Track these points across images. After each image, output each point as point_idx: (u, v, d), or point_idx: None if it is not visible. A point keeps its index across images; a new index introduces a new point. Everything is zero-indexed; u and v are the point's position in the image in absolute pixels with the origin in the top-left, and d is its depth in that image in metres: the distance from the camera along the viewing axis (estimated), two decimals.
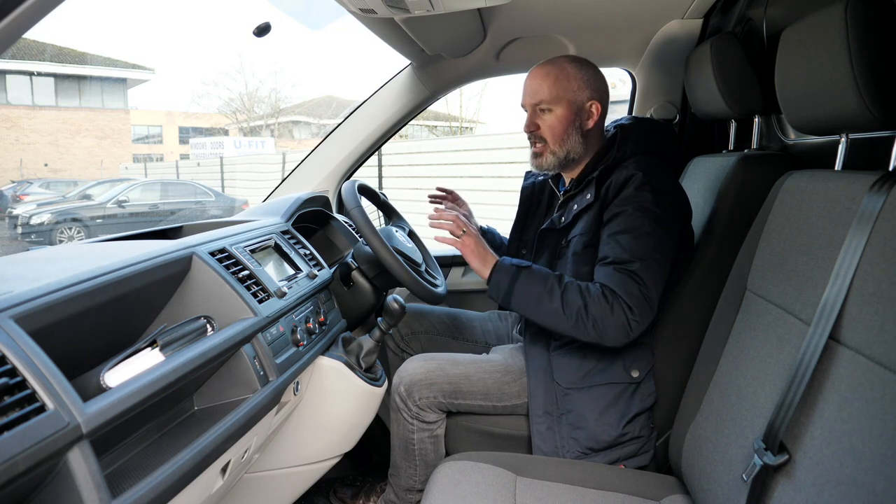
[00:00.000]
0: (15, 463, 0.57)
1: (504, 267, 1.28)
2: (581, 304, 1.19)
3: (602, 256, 1.24)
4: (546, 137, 1.36)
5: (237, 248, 1.15)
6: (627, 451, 1.27)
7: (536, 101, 1.35)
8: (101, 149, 17.43)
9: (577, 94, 1.34)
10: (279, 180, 1.98)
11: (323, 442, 1.34)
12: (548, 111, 1.35)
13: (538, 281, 1.23)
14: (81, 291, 0.76)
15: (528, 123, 1.38)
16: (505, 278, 1.26)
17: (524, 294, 1.24)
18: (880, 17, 0.81)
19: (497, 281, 1.27)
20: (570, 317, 1.19)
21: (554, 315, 1.21)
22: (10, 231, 9.74)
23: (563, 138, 1.35)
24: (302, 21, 1.63)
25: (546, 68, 1.36)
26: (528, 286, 1.24)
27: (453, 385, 1.33)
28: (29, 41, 15.51)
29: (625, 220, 1.22)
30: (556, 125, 1.34)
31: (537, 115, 1.36)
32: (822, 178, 0.92)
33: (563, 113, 1.34)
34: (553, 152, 1.36)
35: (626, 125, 1.37)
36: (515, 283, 1.25)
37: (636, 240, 1.20)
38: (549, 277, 1.24)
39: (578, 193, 1.35)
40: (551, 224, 1.39)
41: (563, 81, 1.34)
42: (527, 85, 1.38)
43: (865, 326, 0.73)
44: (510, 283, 1.25)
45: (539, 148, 1.38)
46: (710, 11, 1.65)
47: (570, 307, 1.19)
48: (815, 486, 0.74)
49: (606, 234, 1.25)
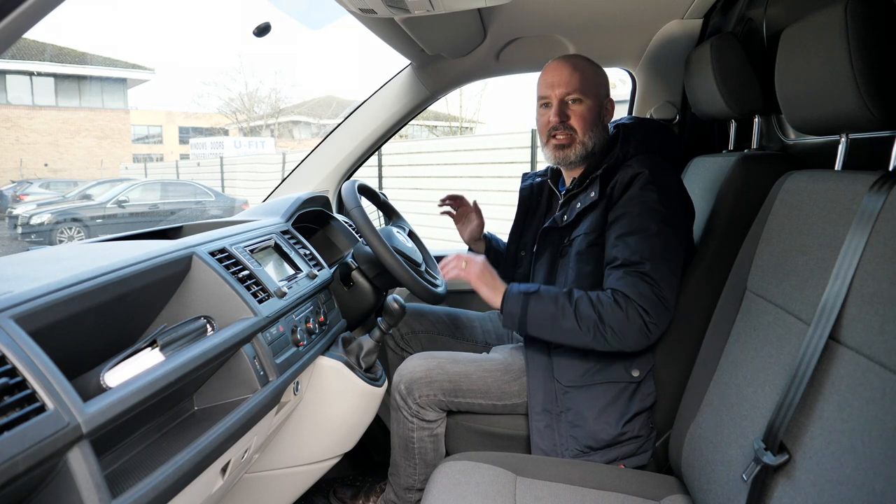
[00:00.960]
0: (15, 463, 0.57)
1: (513, 295, 1.28)
2: (595, 316, 1.19)
3: (611, 259, 1.24)
4: (577, 127, 1.35)
5: (237, 248, 1.15)
6: (626, 450, 1.27)
7: (569, 91, 1.35)
8: (101, 149, 17.44)
9: (601, 89, 1.38)
10: (279, 180, 1.98)
11: (323, 442, 1.34)
12: (578, 102, 1.35)
13: (549, 303, 1.24)
14: (81, 291, 0.76)
15: (557, 113, 1.35)
16: (516, 306, 1.26)
17: (538, 318, 1.24)
18: (880, 17, 0.81)
19: (509, 311, 1.27)
20: (587, 331, 1.20)
21: (571, 333, 1.22)
22: (10, 231, 9.75)
23: (593, 129, 1.36)
24: (302, 21, 1.63)
25: (574, 61, 1.37)
26: (540, 310, 1.24)
27: (453, 383, 1.33)
28: (29, 41, 15.52)
29: (631, 220, 1.23)
30: (587, 115, 1.35)
31: (567, 105, 1.36)
32: (822, 178, 0.92)
33: (592, 104, 1.36)
34: (582, 143, 1.36)
35: (629, 125, 1.38)
36: (527, 309, 1.25)
37: (645, 240, 1.20)
38: (558, 297, 1.24)
39: (582, 192, 1.35)
40: (553, 223, 1.39)
41: (591, 75, 1.37)
42: (553, 77, 1.36)
43: (865, 326, 0.73)
44: (522, 311, 1.25)
45: (565, 139, 1.36)
46: (710, 11, 1.65)
47: (585, 322, 1.20)
48: (815, 486, 0.74)
49: (614, 235, 1.25)
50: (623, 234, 1.23)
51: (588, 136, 1.36)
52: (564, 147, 1.37)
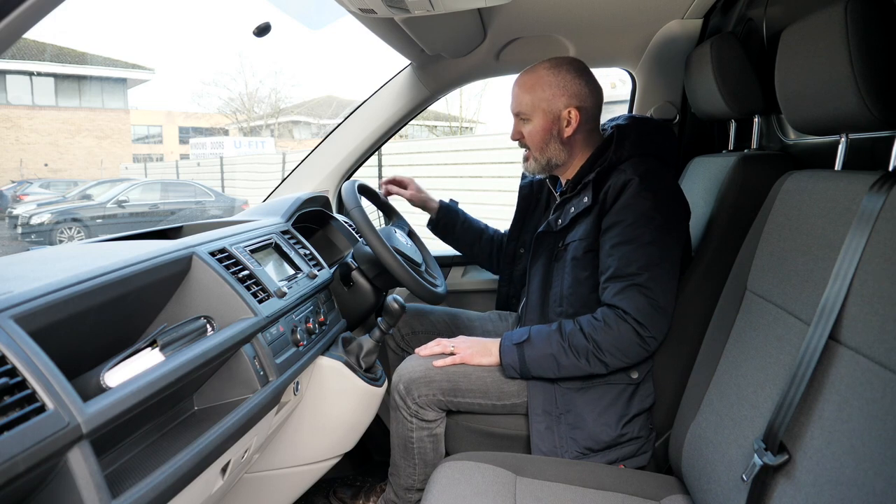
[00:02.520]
0: (15, 463, 0.57)
1: (508, 349, 1.29)
2: (591, 346, 1.21)
3: (605, 269, 1.25)
4: (528, 144, 1.40)
5: (237, 248, 1.15)
6: (626, 451, 1.27)
7: (516, 112, 1.40)
8: (101, 149, 17.44)
9: (552, 103, 1.35)
10: (279, 180, 1.98)
11: (323, 442, 1.34)
12: (527, 121, 1.38)
13: (543, 346, 1.26)
14: (81, 291, 0.76)
15: (512, 132, 1.43)
16: (513, 358, 1.28)
17: (537, 363, 1.26)
18: (880, 17, 0.81)
19: (508, 364, 1.29)
20: (587, 362, 1.23)
21: (574, 367, 1.24)
22: (10, 231, 9.75)
23: (543, 147, 1.38)
24: (302, 21, 1.63)
25: (524, 78, 1.38)
26: (536, 355, 1.26)
27: (452, 382, 1.33)
28: (29, 41, 15.51)
29: (624, 230, 1.22)
30: (534, 135, 1.38)
31: (519, 123, 1.41)
32: (822, 178, 0.92)
33: (539, 123, 1.36)
34: (535, 159, 1.41)
35: (623, 125, 1.37)
36: (524, 358, 1.27)
37: (639, 250, 1.20)
38: (550, 337, 1.26)
39: (575, 196, 1.34)
40: (547, 227, 1.39)
41: (539, 91, 1.35)
42: (511, 94, 1.42)
43: (865, 326, 0.73)
44: (521, 361, 1.27)
45: (526, 153, 1.43)
46: (710, 11, 1.65)
47: (582, 354, 1.22)
48: (815, 486, 0.74)
49: (608, 244, 1.25)
50: (617, 243, 1.23)
51: (539, 152, 1.39)
52: (525, 160, 1.44)
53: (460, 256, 2.03)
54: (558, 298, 1.34)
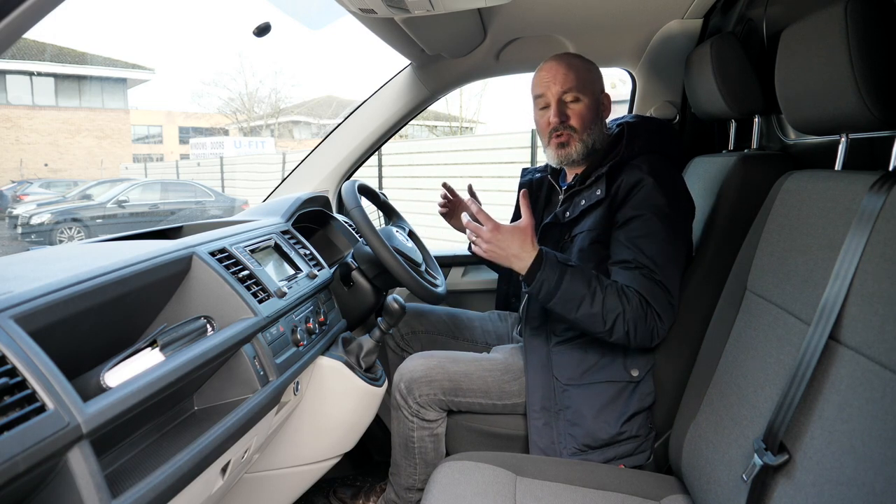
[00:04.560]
0: (15, 463, 0.57)
1: (551, 262, 1.18)
2: (621, 310, 1.17)
3: (621, 259, 1.24)
4: (576, 126, 1.35)
5: (237, 248, 1.15)
6: (624, 449, 1.27)
7: (566, 89, 1.34)
8: (101, 149, 17.43)
9: (596, 86, 1.38)
10: (279, 180, 1.98)
11: (323, 442, 1.34)
12: (576, 101, 1.35)
13: (583, 283, 1.17)
14: (81, 291, 0.76)
15: (557, 113, 1.34)
16: (552, 276, 1.17)
17: (568, 295, 1.17)
18: (880, 17, 0.81)
19: (543, 279, 1.17)
20: (607, 321, 1.17)
21: (591, 319, 1.17)
22: (10, 231, 9.75)
23: (592, 127, 1.36)
24: (302, 21, 1.63)
25: (568, 59, 1.37)
26: (573, 288, 1.17)
27: (453, 382, 1.33)
28: (29, 41, 15.51)
29: (643, 224, 1.23)
30: (585, 113, 1.35)
31: (565, 105, 1.36)
32: (822, 178, 0.92)
33: (590, 102, 1.36)
34: (582, 141, 1.35)
35: (633, 123, 1.39)
36: (562, 282, 1.17)
37: (658, 245, 1.21)
38: (592, 279, 1.18)
39: (586, 189, 1.35)
40: (555, 218, 1.39)
41: (586, 73, 1.36)
42: (549, 76, 1.35)
43: (865, 326, 0.73)
44: (557, 283, 1.17)
45: (565, 137, 1.35)
46: (710, 11, 1.65)
47: (610, 313, 1.17)
48: (815, 486, 0.74)
49: (624, 236, 1.24)
50: (636, 236, 1.23)
51: (587, 133, 1.36)
52: (565, 145, 1.36)
53: (460, 256, 2.04)
54: None
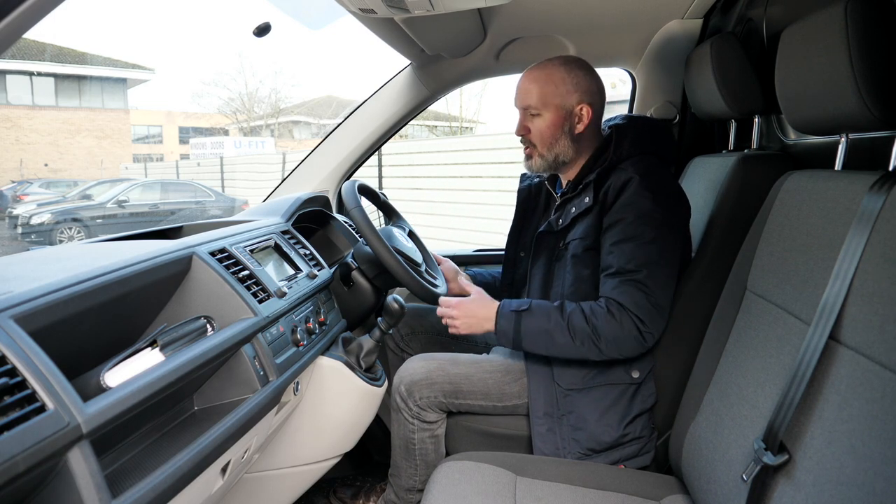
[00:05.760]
0: (15, 463, 0.57)
1: (505, 315, 1.28)
2: (589, 329, 1.20)
3: (606, 266, 1.24)
4: (535, 142, 1.37)
5: (237, 248, 1.15)
6: (628, 451, 1.27)
7: (525, 106, 1.36)
8: (101, 149, 17.44)
9: (566, 99, 1.33)
10: (279, 180, 1.98)
11: (323, 442, 1.34)
12: (536, 116, 1.35)
13: (542, 319, 1.24)
14: (81, 291, 0.76)
15: (518, 127, 1.39)
16: (509, 325, 1.26)
17: (532, 335, 1.25)
18: (880, 17, 0.81)
19: (503, 330, 1.27)
20: (581, 344, 1.21)
21: (567, 347, 1.22)
22: (10, 231, 9.75)
23: (552, 143, 1.35)
24: (302, 21, 1.63)
25: (535, 73, 1.36)
26: (533, 327, 1.24)
27: (454, 385, 1.33)
28: (29, 41, 15.51)
29: (625, 228, 1.22)
30: (544, 130, 1.35)
31: (527, 118, 1.37)
32: (822, 178, 0.92)
33: (551, 118, 1.34)
34: (542, 156, 1.37)
35: (621, 125, 1.37)
36: (520, 326, 1.25)
37: (639, 248, 1.20)
38: (550, 312, 1.24)
39: (576, 196, 1.34)
40: (548, 227, 1.39)
41: (552, 86, 1.33)
42: (518, 88, 1.39)
43: (865, 326, 0.73)
44: (515, 330, 1.26)
45: (528, 151, 1.39)
46: (710, 11, 1.65)
47: (579, 335, 1.21)
48: (815, 486, 0.74)
49: (608, 242, 1.24)
50: (618, 241, 1.22)
51: (546, 148, 1.36)
52: (528, 158, 1.40)
53: (460, 256, 2.04)
54: (559, 298, 1.34)
